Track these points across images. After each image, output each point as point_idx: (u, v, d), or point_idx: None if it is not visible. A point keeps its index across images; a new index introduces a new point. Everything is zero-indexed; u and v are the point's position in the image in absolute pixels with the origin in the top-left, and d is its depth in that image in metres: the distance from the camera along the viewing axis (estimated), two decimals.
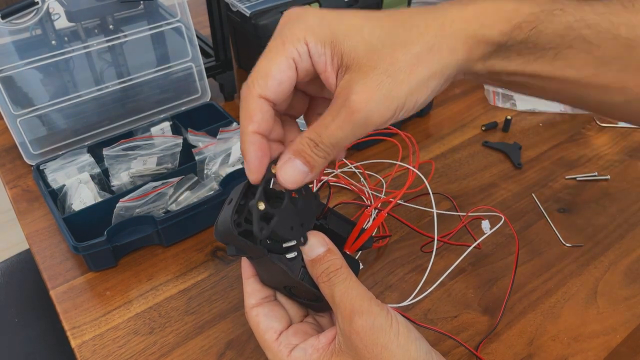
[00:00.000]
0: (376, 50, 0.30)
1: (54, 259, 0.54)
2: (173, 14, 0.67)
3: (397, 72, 0.30)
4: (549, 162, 0.66)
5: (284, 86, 0.31)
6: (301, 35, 0.31)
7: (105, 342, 0.46)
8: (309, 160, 0.31)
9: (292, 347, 0.34)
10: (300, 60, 0.31)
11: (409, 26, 0.31)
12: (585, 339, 0.46)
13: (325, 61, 0.31)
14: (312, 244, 0.34)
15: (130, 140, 0.61)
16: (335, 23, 0.31)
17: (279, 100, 0.32)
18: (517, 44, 0.32)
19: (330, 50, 0.31)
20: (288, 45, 0.31)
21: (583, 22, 0.32)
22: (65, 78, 0.64)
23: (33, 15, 0.60)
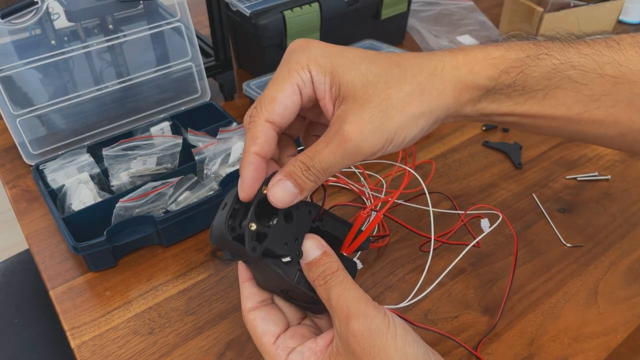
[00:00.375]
0: (372, 85, 0.32)
1: (54, 259, 0.54)
2: (173, 13, 0.67)
3: (389, 108, 0.32)
4: (549, 162, 0.66)
5: (289, 110, 0.33)
6: (305, 64, 0.33)
7: (105, 342, 0.46)
8: (299, 182, 0.33)
9: (289, 350, 0.34)
10: (304, 87, 0.33)
11: (403, 68, 0.33)
12: (586, 339, 0.46)
13: (324, 89, 0.33)
14: (309, 247, 0.34)
15: (130, 140, 0.61)
16: (336, 56, 0.33)
17: (284, 124, 0.34)
18: (506, 88, 0.34)
19: (330, 80, 0.33)
20: (293, 73, 0.33)
21: (569, 64, 0.34)
22: (64, 78, 0.64)
23: (33, 15, 0.60)
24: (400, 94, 0.32)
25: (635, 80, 0.33)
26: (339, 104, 0.33)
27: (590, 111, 0.35)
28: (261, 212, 0.34)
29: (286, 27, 0.74)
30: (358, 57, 0.34)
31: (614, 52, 0.34)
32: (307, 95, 0.34)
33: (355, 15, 0.81)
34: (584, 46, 0.34)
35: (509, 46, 0.35)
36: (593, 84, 0.34)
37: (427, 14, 1.02)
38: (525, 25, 0.88)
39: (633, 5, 0.97)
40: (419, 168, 0.64)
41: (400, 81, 0.33)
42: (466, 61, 0.34)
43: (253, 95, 0.69)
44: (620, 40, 0.34)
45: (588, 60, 0.34)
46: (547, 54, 0.34)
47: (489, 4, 1.06)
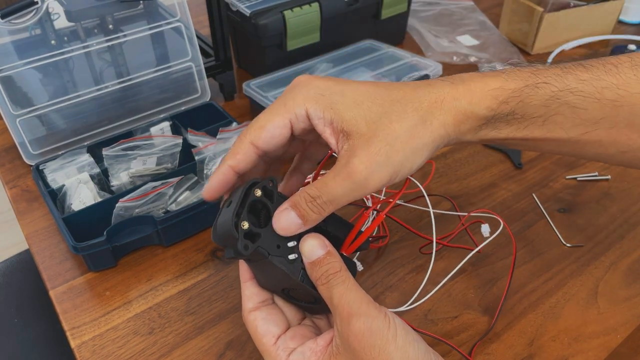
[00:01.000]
0: (375, 121, 0.34)
1: (54, 259, 0.54)
2: (173, 13, 0.67)
3: (395, 141, 0.33)
4: (549, 162, 0.66)
5: (275, 140, 0.35)
6: (302, 100, 0.35)
7: (105, 342, 0.46)
8: (303, 213, 0.33)
9: (289, 351, 0.35)
10: (296, 122, 0.35)
11: (404, 102, 0.34)
12: (586, 340, 0.46)
13: (324, 124, 0.34)
14: (313, 245, 0.35)
15: (130, 140, 0.61)
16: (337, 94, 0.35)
17: (268, 149, 0.36)
18: (505, 117, 0.35)
19: (331, 116, 0.34)
20: (289, 107, 0.35)
21: (567, 91, 0.35)
22: (64, 78, 0.64)
23: (32, 15, 0.60)
24: (403, 128, 0.33)
25: (634, 102, 0.34)
26: (344, 138, 0.34)
27: (589, 133, 0.36)
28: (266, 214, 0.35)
29: (286, 27, 0.74)
30: (359, 96, 0.35)
31: (612, 76, 0.34)
32: (300, 129, 0.35)
33: (355, 15, 0.81)
34: (582, 71, 0.35)
35: (507, 75, 0.35)
36: (592, 108, 0.35)
37: (427, 14, 1.02)
38: (525, 25, 0.88)
39: (633, 5, 0.97)
40: (420, 168, 0.64)
41: (402, 116, 0.34)
42: (466, 92, 0.35)
43: (253, 95, 0.69)
44: (619, 63, 0.35)
45: (586, 86, 0.35)
46: (545, 82, 0.35)
47: (489, 4, 1.06)
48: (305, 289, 0.35)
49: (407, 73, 0.70)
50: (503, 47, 0.90)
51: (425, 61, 0.73)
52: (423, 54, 0.89)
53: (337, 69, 0.73)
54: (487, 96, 0.35)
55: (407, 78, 0.68)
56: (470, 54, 0.88)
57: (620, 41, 0.92)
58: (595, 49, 0.90)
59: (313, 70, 0.73)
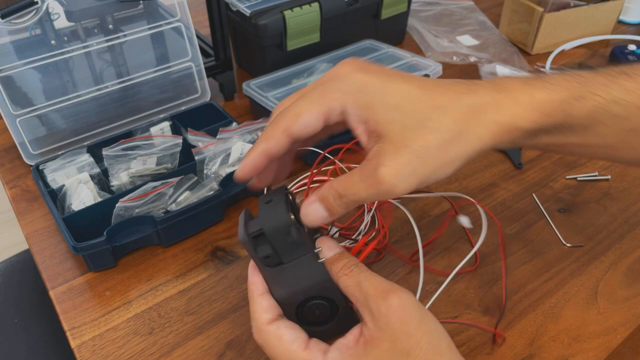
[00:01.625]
0: (410, 128, 0.33)
1: (54, 259, 0.54)
2: (173, 13, 0.67)
3: (426, 154, 0.33)
4: (549, 162, 0.66)
5: (308, 129, 0.35)
6: (340, 96, 0.34)
7: (105, 342, 0.46)
8: (330, 207, 0.34)
9: (323, 350, 0.34)
10: (331, 115, 0.35)
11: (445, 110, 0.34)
12: (586, 339, 0.46)
13: (358, 121, 0.34)
14: (327, 245, 0.36)
15: (130, 140, 0.61)
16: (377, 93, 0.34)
17: (300, 137, 0.36)
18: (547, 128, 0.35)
19: (367, 115, 0.34)
20: (326, 100, 0.35)
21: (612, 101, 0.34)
22: (64, 78, 0.64)
23: (32, 15, 0.60)
24: (437, 140, 0.33)
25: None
26: (374, 138, 0.34)
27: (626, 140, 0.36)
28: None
29: (286, 27, 0.74)
30: (400, 98, 0.34)
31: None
32: (334, 122, 0.35)
33: (355, 15, 0.81)
34: (626, 80, 0.35)
35: (553, 86, 0.34)
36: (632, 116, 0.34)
37: (427, 13, 1.02)
38: (525, 25, 0.88)
39: (633, 5, 0.97)
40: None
41: (439, 127, 0.33)
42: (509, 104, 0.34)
43: (253, 95, 0.69)
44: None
45: (631, 96, 0.34)
46: (591, 92, 0.34)
47: (489, 4, 1.06)
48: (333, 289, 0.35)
49: None
50: (503, 47, 0.90)
51: (425, 61, 0.73)
52: (423, 54, 0.89)
53: None
54: (532, 108, 0.34)
55: None
56: (470, 54, 0.88)
57: (620, 41, 0.92)
58: (595, 49, 0.90)
59: (313, 71, 0.73)
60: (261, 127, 0.61)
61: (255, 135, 0.60)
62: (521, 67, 0.84)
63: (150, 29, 0.67)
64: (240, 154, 0.59)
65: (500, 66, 0.82)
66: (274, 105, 0.65)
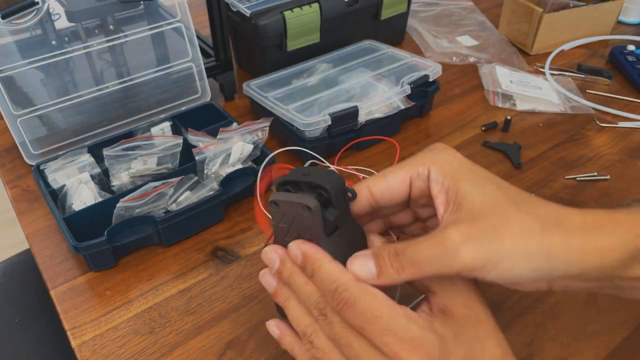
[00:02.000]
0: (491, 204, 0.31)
1: (54, 258, 0.54)
2: (173, 14, 0.67)
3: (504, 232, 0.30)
4: (548, 162, 0.66)
5: (391, 191, 0.35)
6: (428, 161, 0.35)
7: (105, 342, 0.46)
8: (382, 265, 0.31)
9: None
10: (416, 178, 0.35)
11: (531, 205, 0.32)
12: (585, 339, 0.46)
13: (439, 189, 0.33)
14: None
15: (131, 141, 0.61)
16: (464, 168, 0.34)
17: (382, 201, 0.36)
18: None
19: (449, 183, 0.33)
20: (413, 165, 0.35)
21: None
22: (65, 78, 0.64)
23: (33, 15, 0.60)
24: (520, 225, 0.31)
25: None
26: (452, 209, 0.32)
27: None
28: None
29: (286, 27, 0.74)
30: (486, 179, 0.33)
31: None
32: (418, 188, 0.35)
33: (355, 16, 0.81)
34: None
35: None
36: None
37: (427, 14, 1.02)
38: (524, 26, 0.88)
39: (633, 6, 0.97)
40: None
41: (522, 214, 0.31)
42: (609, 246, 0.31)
43: (253, 95, 0.69)
44: None
45: None
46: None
47: (488, 4, 1.06)
48: None
49: (406, 73, 0.70)
50: (502, 47, 0.90)
51: (424, 61, 0.73)
52: (423, 55, 0.89)
53: (336, 69, 0.73)
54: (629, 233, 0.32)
55: (406, 78, 0.68)
56: (470, 54, 0.88)
57: (620, 41, 0.92)
58: (595, 49, 0.91)
59: (313, 71, 0.74)
60: (261, 127, 0.61)
61: (255, 136, 0.61)
62: (520, 68, 0.85)
63: (150, 29, 0.67)
64: (240, 154, 0.59)
65: (499, 66, 0.83)
66: (274, 106, 0.65)
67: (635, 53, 0.85)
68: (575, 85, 0.80)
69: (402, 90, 0.67)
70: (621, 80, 0.83)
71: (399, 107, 0.67)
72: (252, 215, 0.58)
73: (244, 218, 0.58)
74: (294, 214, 0.34)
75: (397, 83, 0.68)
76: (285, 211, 0.35)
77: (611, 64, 0.87)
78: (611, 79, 0.82)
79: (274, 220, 0.36)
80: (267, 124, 0.61)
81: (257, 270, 0.52)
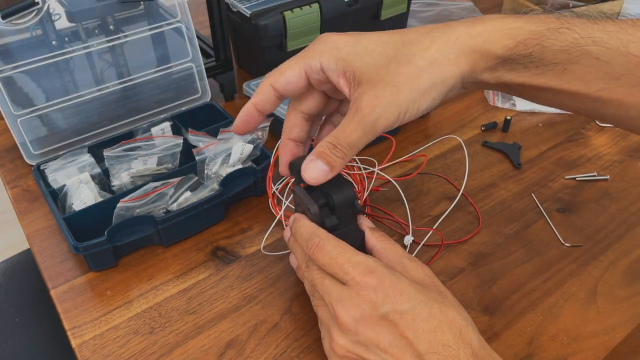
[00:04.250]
0: (384, 66, 0.35)
1: (55, 258, 0.54)
2: (173, 14, 0.67)
3: (401, 84, 0.34)
4: (548, 162, 0.66)
5: (291, 86, 0.39)
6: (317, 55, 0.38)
7: (106, 341, 0.46)
8: (329, 160, 0.36)
9: None
10: (311, 72, 0.38)
11: (415, 43, 0.36)
12: (585, 339, 0.46)
13: (337, 74, 0.37)
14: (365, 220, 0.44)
15: (131, 142, 0.61)
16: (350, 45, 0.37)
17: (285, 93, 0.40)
18: (522, 58, 0.35)
19: (343, 66, 0.36)
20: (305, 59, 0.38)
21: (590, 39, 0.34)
22: (65, 78, 0.64)
23: (33, 15, 0.60)
24: (410, 70, 0.35)
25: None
26: (355, 87, 0.36)
27: (609, 89, 0.34)
28: None
29: (286, 27, 0.74)
30: (372, 44, 0.36)
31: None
32: (316, 80, 0.39)
33: (355, 16, 0.81)
34: (609, 24, 0.34)
35: (530, 18, 0.35)
36: (615, 62, 0.33)
37: (427, 14, 1.02)
38: None
39: (633, 6, 0.97)
40: (413, 162, 0.64)
41: (410, 58, 0.35)
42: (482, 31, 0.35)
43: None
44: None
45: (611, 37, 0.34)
46: (568, 27, 0.34)
47: (488, 5, 1.07)
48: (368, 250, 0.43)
49: None
50: None
51: None
52: None
53: None
54: (505, 35, 0.35)
55: None
56: None
57: None
58: None
59: None
60: (262, 127, 0.61)
61: (255, 135, 0.61)
62: None
63: (150, 29, 0.67)
64: (240, 154, 0.59)
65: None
66: None
67: None
68: None
69: None
70: None
71: None
72: (252, 215, 0.58)
73: (244, 218, 0.58)
74: (302, 208, 0.42)
75: None
76: (298, 201, 0.43)
77: None
78: None
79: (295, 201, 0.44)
80: (267, 124, 0.61)
81: (257, 270, 0.52)
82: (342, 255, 0.37)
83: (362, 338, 0.35)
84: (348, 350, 0.36)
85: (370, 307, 0.35)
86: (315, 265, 0.39)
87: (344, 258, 0.37)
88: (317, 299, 0.40)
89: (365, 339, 0.35)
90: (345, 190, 0.41)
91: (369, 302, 0.35)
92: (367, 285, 0.35)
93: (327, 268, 0.37)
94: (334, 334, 0.37)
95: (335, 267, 0.37)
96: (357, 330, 0.35)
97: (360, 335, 0.35)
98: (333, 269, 0.37)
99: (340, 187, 0.41)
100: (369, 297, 0.35)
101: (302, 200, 0.42)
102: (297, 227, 0.41)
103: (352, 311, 0.35)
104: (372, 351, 0.36)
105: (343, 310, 0.35)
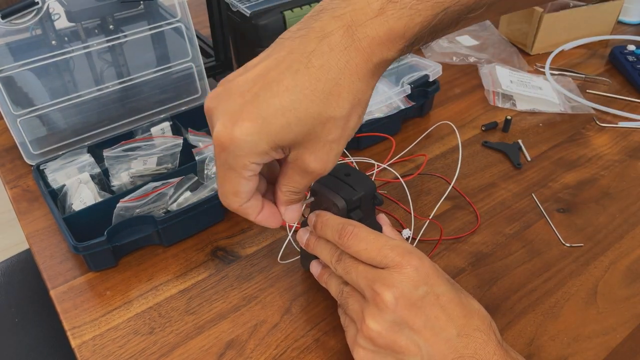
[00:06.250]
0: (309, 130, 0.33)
1: (54, 259, 0.54)
2: (173, 14, 0.67)
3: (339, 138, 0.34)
4: (548, 162, 0.66)
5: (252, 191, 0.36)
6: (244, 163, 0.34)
7: (105, 342, 0.46)
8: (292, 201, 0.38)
9: None
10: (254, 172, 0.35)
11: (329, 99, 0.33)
12: (585, 339, 0.46)
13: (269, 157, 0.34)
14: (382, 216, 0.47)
15: (131, 142, 0.61)
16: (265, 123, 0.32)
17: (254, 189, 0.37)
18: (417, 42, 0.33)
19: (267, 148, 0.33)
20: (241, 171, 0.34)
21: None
22: (65, 78, 0.64)
23: (33, 15, 0.60)
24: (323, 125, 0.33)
25: None
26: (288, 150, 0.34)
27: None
28: None
29: (286, 27, 0.74)
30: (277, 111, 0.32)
31: None
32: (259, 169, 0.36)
33: None
34: None
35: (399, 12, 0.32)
36: None
37: None
38: (524, 26, 0.88)
39: (633, 6, 0.97)
40: (413, 162, 0.64)
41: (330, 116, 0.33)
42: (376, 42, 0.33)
43: None
44: None
45: None
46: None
47: None
48: None
49: (406, 73, 0.70)
50: (502, 47, 0.90)
51: (424, 61, 0.73)
52: (423, 55, 0.89)
53: None
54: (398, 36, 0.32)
55: (406, 78, 0.68)
56: (470, 54, 0.88)
57: (620, 41, 0.92)
58: (595, 49, 0.91)
59: None
60: None
61: None
62: (520, 68, 0.85)
63: (150, 29, 0.67)
64: None
65: (499, 66, 0.83)
66: None
67: (635, 53, 0.85)
68: (576, 85, 0.80)
69: (402, 90, 0.67)
70: (621, 80, 0.83)
71: (399, 107, 0.67)
72: None
73: (244, 218, 0.58)
74: (326, 204, 0.43)
75: (397, 83, 0.68)
76: (319, 199, 0.43)
77: (611, 64, 0.87)
78: None
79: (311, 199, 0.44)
80: None
81: (257, 270, 0.52)
82: (379, 240, 0.38)
83: (398, 317, 0.36)
84: (380, 334, 0.37)
85: (410, 286, 0.36)
86: (348, 255, 0.39)
87: (381, 242, 0.38)
88: (347, 291, 0.40)
89: (401, 318, 0.36)
90: (367, 182, 0.43)
91: (411, 281, 0.36)
92: (409, 264, 0.37)
93: (363, 254, 0.38)
94: (368, 319, 0.37)
95: (373, 251, 0.38)
96: (396, 309, 0.36)
97: (398, 313, 0.36)
98: (370, 253, 0.38)
99: (361, 180, 0.43)
100: (411, 275, 0.36)
101: (324, 196, 0.42)
102: (324, 222, 0.41)
103: (393, 288, 0.36)
104: (404, 333, 0.36)
105: (384, 286, 0.36)
